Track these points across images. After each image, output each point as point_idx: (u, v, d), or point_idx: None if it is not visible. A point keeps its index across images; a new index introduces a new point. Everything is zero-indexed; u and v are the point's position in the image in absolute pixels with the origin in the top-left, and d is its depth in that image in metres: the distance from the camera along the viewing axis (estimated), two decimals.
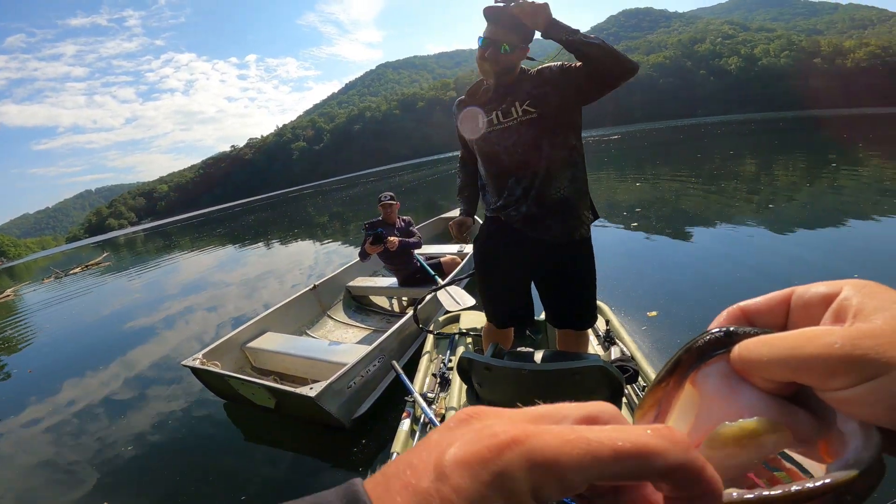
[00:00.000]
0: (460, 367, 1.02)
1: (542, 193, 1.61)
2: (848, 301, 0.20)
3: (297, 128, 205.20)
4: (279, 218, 22.76)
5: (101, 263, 18.35)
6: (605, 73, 1.46)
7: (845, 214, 5.51)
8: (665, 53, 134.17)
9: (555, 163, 1.60)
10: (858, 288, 0.20)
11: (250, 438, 2.82)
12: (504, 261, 1.76)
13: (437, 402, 2.01)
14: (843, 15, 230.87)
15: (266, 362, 3.05)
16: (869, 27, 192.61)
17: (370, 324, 3.77)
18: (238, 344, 3.06)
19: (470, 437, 0.16)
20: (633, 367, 1.32)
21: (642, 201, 8.45)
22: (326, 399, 2.24)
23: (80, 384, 4.24)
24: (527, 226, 1.65)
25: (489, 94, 1.67)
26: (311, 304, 3.78)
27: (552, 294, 1.77)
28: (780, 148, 15.37)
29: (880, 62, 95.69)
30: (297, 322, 3.60)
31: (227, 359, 2.95)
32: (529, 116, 1.56)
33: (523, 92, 1.57)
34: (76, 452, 2.94)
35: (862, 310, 0.19)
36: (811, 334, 0.19)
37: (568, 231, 1.64)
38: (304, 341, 3.10)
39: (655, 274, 4.32)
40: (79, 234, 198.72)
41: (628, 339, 2.22)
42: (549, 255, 1.68)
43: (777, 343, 0.20)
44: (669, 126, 48.89)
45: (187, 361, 2.71)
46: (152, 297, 8.41)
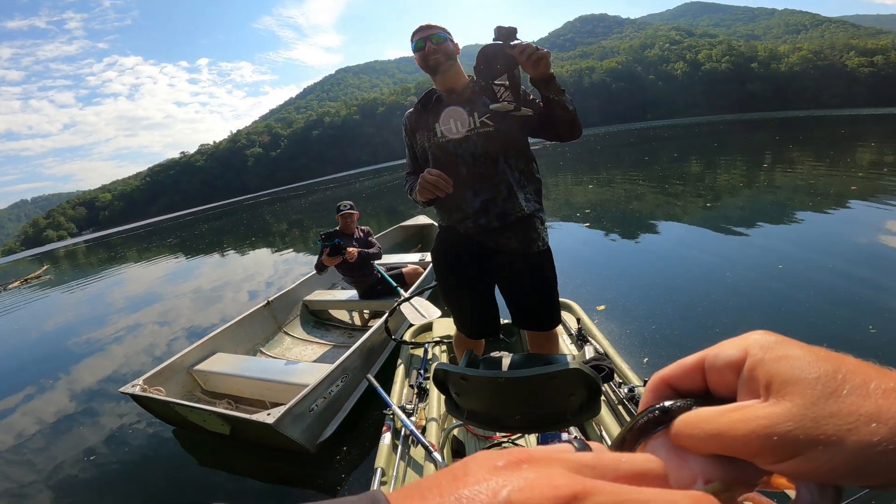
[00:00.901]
0: (436, 378, 1.01)
1: (505, 211, 1.62)
2: (754, 373, 0.22)
3: (252, 133, 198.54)
4: (234, 227, 22.00)
5: (41, 277, 17.43)
6: (562, 135, 1.60)
7: (778, 212, 5.96)
8: (618, 59, 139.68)
9: (514, 179, 1.63)
10: (763, 352, 0.22)
11: (206, 464, 2.62)
12: (465, 271, 1.76)
13: (417, 413, 1.95)
14: (779, 20, 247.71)
15: (217, 385, 2.85)
16: (802, 32, 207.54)
17: (330, 339, 3.62)
18: (184, 367, 2.85)
19: (526, 483, 0.16)
20: (607, 366, 1.32)
21: (592, 202, 8.92)
22: (286, 425, 2.11)
23: (8, 411, 3.88)
24: (487, 237, 1.66)
25: (443, 102, 1.67)
26: (266, 321, 3.59)
27: (514, 299, 1.78)
28: (720, 150, 16.46)
29: (812, 66, 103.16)
30: (251, 341, 3.40)
31: (173, 382, 2.74)
32: (487, 129, 1.58)
33: (481, 104, 1.60)
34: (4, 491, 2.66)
35: (771, 382, 0.21)
36: (734, 419, 0.21)
37: (527, 244, 1.66)
38: (258, 361, 2.94)
39: (602, 270, 4.64)
40: (14, 247, 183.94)
41: (601, 336, 2.22)
42: (510, 262, 1.69)
43: (706, 427, 0.22)
44: (621, 129, 51.01)
45: (126, 388, 2.49)
46: (95, 312, 7.89)
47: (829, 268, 3.83)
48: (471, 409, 0.98)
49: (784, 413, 0.20)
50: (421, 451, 1.63)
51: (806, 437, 0.19)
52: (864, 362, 0.21)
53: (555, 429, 1.33)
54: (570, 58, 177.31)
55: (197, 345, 2.97)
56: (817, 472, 0.19)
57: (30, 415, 3.76)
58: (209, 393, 2.88)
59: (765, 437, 0.20)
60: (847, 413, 0.19)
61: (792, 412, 0.20)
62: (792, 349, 0.22)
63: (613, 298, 3.71)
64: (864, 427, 0.18)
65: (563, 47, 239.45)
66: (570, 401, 0.87)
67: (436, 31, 1.60)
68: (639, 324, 3.24)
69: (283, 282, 6.98)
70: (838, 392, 0.19)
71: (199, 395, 2.87)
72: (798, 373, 0.20)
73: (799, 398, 0.20)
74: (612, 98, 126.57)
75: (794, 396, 0.20)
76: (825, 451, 0.19)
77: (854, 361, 0.21)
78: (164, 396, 2.42)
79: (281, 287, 5.17)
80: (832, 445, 0.19)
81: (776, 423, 0.20)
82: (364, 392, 2.73)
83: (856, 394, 0.19)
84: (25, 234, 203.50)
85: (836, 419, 0.19)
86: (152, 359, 4.52)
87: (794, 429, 0.19)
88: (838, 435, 0.19)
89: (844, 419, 0.19)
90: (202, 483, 2.47)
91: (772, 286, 3.60)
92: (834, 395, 0.19)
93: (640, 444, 0.24)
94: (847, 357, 0.21)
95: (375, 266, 3.66)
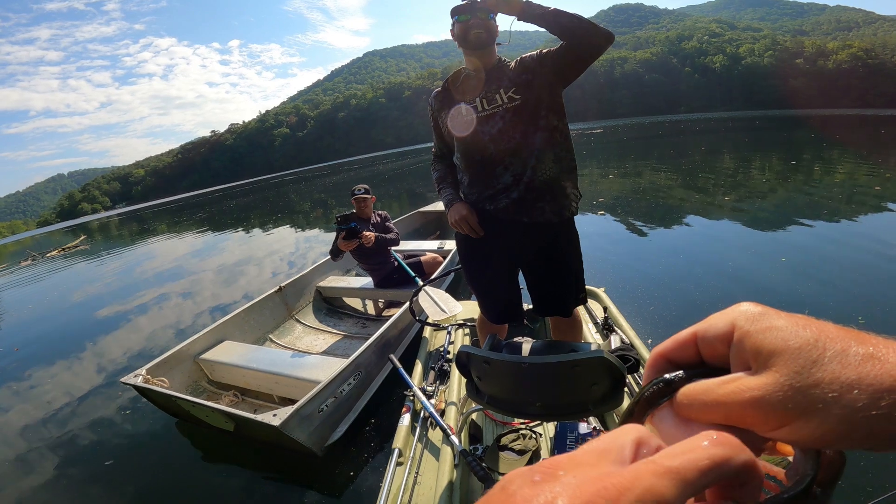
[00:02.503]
0: (458, 360, 1.02)
1: (534, 178, 1.60)
2: (742, 345, 0.23)
3: (280, 114, 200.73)
4: (260, 203, 22.27)
5: (78, 246, 18.28)
6: (583, 43, 1.49)
7: (813, 214, 5.60)
8: (652, 49, 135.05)
9: (541, 147, 1.59)
10: (749, 324, 0.23)
11: (208, 458, 2.49)
12: (491, 253, 1.74)
13: (437, 395, 1.93)
14: (830, 16, 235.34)
15: (224, 375, 2.71)
16: (854, 29, 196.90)
17: (343, 328, 3.44)
18: (191, 355, 2.70)
19: (574, 490, 0.16)
20: (633, 357, 1.15)
21: (608, 191, 8.89)
22: (293, 427, 1.94)
23: (32, 380, 3.94)
24: (519, 211, 1.63)
25: (471, 80, 1.65)
26: (277, 308, 3.42)
27: (536, 280, 1.78)
28: (752, 146, 15.75)
29: (861, 64, 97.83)
30: (260, 328, 3.24)
31: (178, 372, 2.61)
32: (514, 104, 1.57)
33: (507, 79, 1.59)
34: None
35: (759, 354, 0.22)
36: (729, 391, 0.22)
37: (559, 210, 1.63)
38: (266, 352, 2.77)
39: (608, 255, 4.66)
40: (50, 219, 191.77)
41: (627, 326, 2.13)
42: (536, 239, 1.68)
43: (705, 398, 0.23)
44: (651, 122, 49.74)
45: (129, 378, 2.35)
46: (124, 283, 8.17)
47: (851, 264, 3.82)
48: (492, 394, 0.97)
49: (772, 384, 0.21)
50: (439, 433, 1.63)
51: (794, 406, 0.20)
52: (843, 328, 0.21)
53: (575, 418, 1.30)
54: None
55: (204, 332, 2.82)
56: (809, 438, 0.20)
57: (39, 390, 3.74)
58: (215, 384, 2.74)
59: (757, 408, 0.21)
60: (829, 381, 0.20)
61: (779, 382, 0.21)
62: (776, 320, 0.22)
63: (613, 281, 3.81)
64: (846, 395, 0.19)
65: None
66: (593, 390, 0.85)
67: (483, 8, 1.54)
68: (636, 305, 3.36)
69: (302, 261, 7.03)
70: (820, 360, 0.20)
71: (204, 385, 2.73)
72: (782, 343, 0.21)
73: (784, 368, 0.21)
74: (643, 89, 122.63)
75: (779, 367, 0.21)
76: (813, 418, 0.20)
77: (834, 328, 0.21)
78: (167, 389, 2.28)
79: (300, 268, 5.06)
80: (819, 413, 0.20)
81: (766, 393, 0.21)
82: (377, 390, 2.55)
83: (836, 361, 0.20)
84: (61, 207, 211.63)
85: (820, 388, 0.20)
86: (171, 336, 4.54)
87: (782, 399, 0.20)
88: (823, 403, 0.19)
89: (828, 387, 0.20)
90: (202, 479, 2.34)
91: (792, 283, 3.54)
92: (817, 363, 0.20)
93: (648, 416, 0.25)
94: (828, 324, 0.22)
95: (392, 253, 3.45)
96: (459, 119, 1.65)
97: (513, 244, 1.70)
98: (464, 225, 1.66)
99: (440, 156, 1.89)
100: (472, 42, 1.56)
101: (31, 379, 4.06)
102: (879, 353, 0.20)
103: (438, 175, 1.88)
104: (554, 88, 1.59)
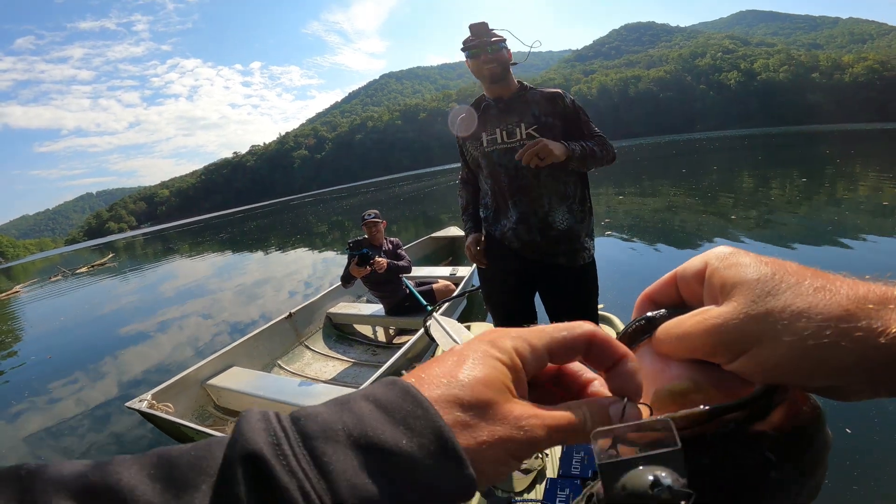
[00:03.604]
0: None
1: (546, 224, 1.62)
2: (711, 280, 0.24)
3: (299, 136, 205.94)
4: (279, 225, 22.76)
5: (106, 264, 19.07)
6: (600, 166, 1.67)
7: (836, 232, 5.43)
8: (666, 68, 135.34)
9: (553, 195, 1.62)
10: (719, 261, 0.24)
11: None
12: (507, 279, 1.78)
13: None
14: (843, 29, 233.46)
15: (231, 402, 2.69)
16: (868, 41, 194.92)
17: (353, 356, 3.41)
18: (198, 381, 2.70)
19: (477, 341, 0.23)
20: None
21: (625, 214, 8.83)
22: None
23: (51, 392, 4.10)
24: (530, 251, 1.67)
25: (491, 110, 1.66)
26: (286, 334, 3.41)
27: (554, 310, 1.80)
28: (765, 164, 15.53)
29: (878, 77, 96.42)
30: (269, 355, 3.22)
31: (184, 397, 2.59)
32: (532, 140, 1.55)
33: (530, 115, 1.60)
34: None
35: (723, 287, 0.23)
36: (695, 322, 0.23)
37: (572, 258, 1.66)
38: (275, 380, 2.75)
39: (636, 286, 4.39)
40: (78, 237, 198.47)
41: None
42: (553, 274, 1.70)
43: (675, 332, 0.24)
44: (667, 141, 49.49)
45: (133, 403, 2.33)
46: (146, 302, 8.46)
47: None
48: None
49: (729, 312, 0.22)
50: None
51: (749, 332, 0.21)
52: (803, 266, 0.22)
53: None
54: (616, 66, 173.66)
55: (212, 358, 2.81)
56: (765, 368, 0.21)
57: (52, 402, 3.79)
58: (222, 409, 2.72)
59: (716, 335, 0.22)
60: (781, 309, 0.20)
61: (736, 310, 0.22)
62: (742, 257, 0.24)
63: (627, 306, 3.57)
64: (795, 322, 0.20)
65: (609, 55, 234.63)
66: None
67: (493, 42, 1.56)
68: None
69: (319, 282, 7.14)
70: (775, 291, 0.21)
71: (211, 410, 2.71)
72: (741, 276, 0.22)
73: (741, 297, 0.22)
74: (658, 108, 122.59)
75: (737, 297, 0.22)
76: (766, 346, 0.21)
77: (794, 266, 0.22)
78: (172, 416, 2.26)
79: (317, 288, 5.09)
80: (770, 340, 0.20)
81: (724, 321, 0.22)
82: None
83: (790, 292, 0.21)
84: (89, 226, 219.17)
85: (773, 315, 0.20)
86: (187, 353, 4.68)
87: (738, 325, 0.21)
88: (774, 330, 0.20)
89: (779, 315, 0.20)
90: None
91: None
92: (771, 293, 0.21)
93: (632, 352, 0.26)
94: (789, 262, 0.23)
95: (404, 280, 3.42)
96: (463, 122, 1.73)
97: (529, 274, 1.75)
98: (470, 256, 1.83)
99: (466, 180, 1.91)
100: (488, 77, 1.59)
101: (51, 390, 4.27)
102: (831, 285, 0.20)
103: (463, 203, 1.94)
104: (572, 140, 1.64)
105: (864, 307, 0.19)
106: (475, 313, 4.05)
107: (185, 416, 2.49)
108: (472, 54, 1.58)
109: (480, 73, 1.60)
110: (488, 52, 1.56)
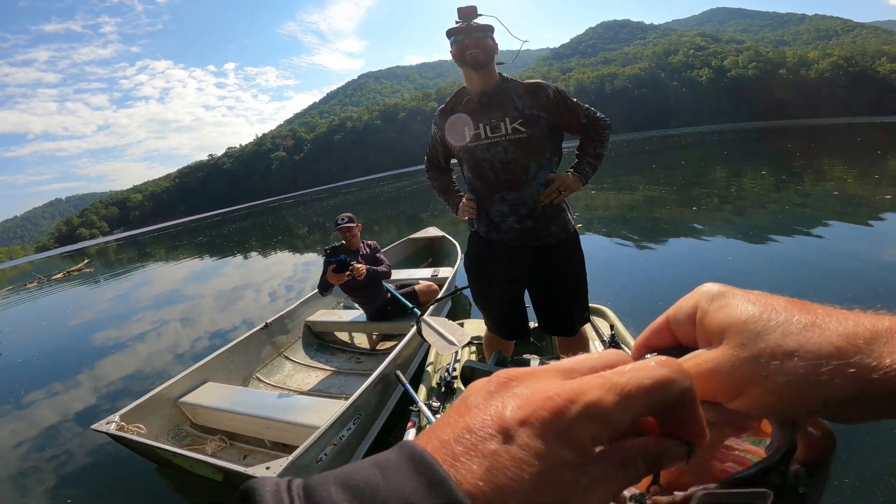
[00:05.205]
0: (464, 375, 1.04)
1: (534, 208, 1.65)
2: (702, 324, 0.24)
3: (276, 137, 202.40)
4: (259, 228, 22.32)
5: (82, 270, 18.74)
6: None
7: (806, 224, 5.57)
8: (641, 65, 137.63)
9: (541, 182, 1.63)
10: (708, 303, 0.24)
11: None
12: (496, 273, 1.78)
13: (443, 411, 1.92)
14: (809, 26, 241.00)
15: (208, 419, 2.56)
16: (833, 38, 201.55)
17: (335, 364, 3.31)
18: (170, 399, 2.55)
19: (524, 400, 0.17)
20: None
21: (606, 209, 9.00)
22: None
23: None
24: (527, 240, 1.68)
25: (473, 104, 1.63)
26: (263, 345, 3.27)
27: (543, 300, 1.82)
28: (731, 159, 15.99)
29: (843, 72, 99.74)
30: (246, 368, 3.09)
31: (157, 416, 2.45)
32: (519, 136, 1.57)
33: (514, 109, 1.58)
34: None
35: (715, 330, 0.23)
36: (690, 366, 0.23)
37: (563, 227, 1.70)
38: (254, 394, 2.63)
39: (626, 278, 4.59)
40: (48, 244, 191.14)
41: (633, 342, 1.95)
42: (543, 260, 1.71)
43: None
44: (643, 137, 50.52)
45: (100, 426, 2.18)
46: (121, 309, 8.13)
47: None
48: None
49: (721, 356, 0.22)
50: None
51: (742, 375, 0.21)
52: (791, 300, 0.23)
53: None
54: (592, 64, 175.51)
55: (184, 374, 2.65)
56: (763, 406, 0.21)
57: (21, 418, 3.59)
58: (199, 427, 2.60)
59: (710, 380, 0.22)
60: (772, 350, 0.21)
61: (727, 354, 0.22)
62: (730, 298, 0.24)
63: (618, 298, 3.71)
64: (787, 362, 0.20)
65: (585, 53, 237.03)
66: None
67: (478, 28, 1.54)
68: (642, 320, 3.22)
69: (301, 285, 6.97)
70: (764, 332, 0.21)
71: (188, 429, 2.58)
72: (730, 318, 0.22)
73: (732, 340, 0.22)
74: (634, 105, 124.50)
75: (728, 340, 0.22)
76: (760, 386, 0.21)
77: (782, 300, 0.22)
78: (144, 438, 2.13)
79: (298, 292, 4.98)
80: (764, 381, 0.21)
81: (717, 365, 0.22)
82: (379, 431, 2.43)
83: (779, 331, 0.21)
84: (59, 232, 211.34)
85: (763, 357, 0.21)
86: (167, 361, 4.55)
87: (730, 369, 0.21)
88: (767, 371, 0.20)
89: (770, 357, 0.20)
90: None
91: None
92: (760, 334, 0.21)
93: None
94: (777, 298, 0.23)
95: (385, 285, 3.34)
96: (455, 129, 1.68)
97: (519, 266, 1.75)
98: (468, 210, 1.77)
99: (434, 164, 1.91)
100: (470, 62, 1.54)
101: (29, 398, 4.14)
102: (820, 321, 0.21)
103: (439, 185, 1.93)
104: (558, 130, 1.68)
105: (854, 343, 0.19)
106: (461, 312, 4.03)
107: (159, 438, 2.37)
108: (457, 39, 1.55)
109: (463, 59, 1.55)
110: (473, 37, 1.53)
